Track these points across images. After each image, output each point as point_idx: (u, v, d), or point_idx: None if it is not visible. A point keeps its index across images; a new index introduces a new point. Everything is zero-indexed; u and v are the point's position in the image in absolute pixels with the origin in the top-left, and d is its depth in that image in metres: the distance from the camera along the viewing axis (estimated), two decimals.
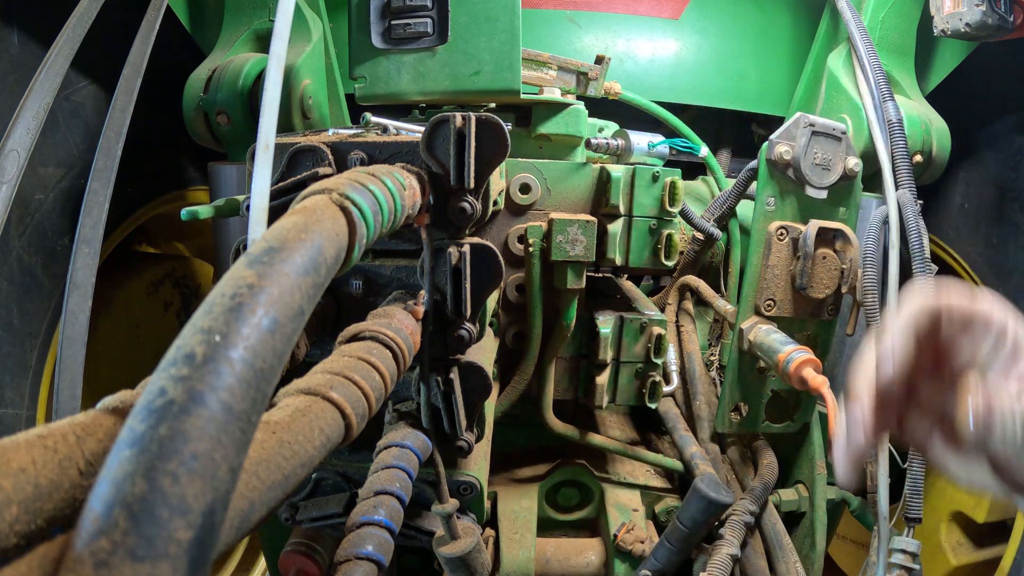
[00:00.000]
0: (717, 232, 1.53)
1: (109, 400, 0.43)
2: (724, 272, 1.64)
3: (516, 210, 1.25)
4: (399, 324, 0.75)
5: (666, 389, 1.48)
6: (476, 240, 0.86)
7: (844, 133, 1.27)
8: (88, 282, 1.07)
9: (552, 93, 1.26)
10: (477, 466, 1.05)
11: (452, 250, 0.83)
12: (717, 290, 1.59)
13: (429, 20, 1.13)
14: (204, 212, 0.88)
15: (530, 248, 1.19)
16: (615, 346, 1.28)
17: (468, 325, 0.87)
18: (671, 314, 1.62)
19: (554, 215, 1.21)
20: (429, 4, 1.12)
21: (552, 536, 1.45)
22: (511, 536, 1.33)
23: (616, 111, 1.62)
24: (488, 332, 1.10)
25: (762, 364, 1.36)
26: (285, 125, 1.35)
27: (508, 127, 0.83)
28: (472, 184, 0.80)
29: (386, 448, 0.85)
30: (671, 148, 1.39)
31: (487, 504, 1.30)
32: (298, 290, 0.39)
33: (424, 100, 1.19)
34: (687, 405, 1.55)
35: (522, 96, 1.19)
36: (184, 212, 0.87)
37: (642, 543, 1.32)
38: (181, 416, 0.29)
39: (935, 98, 1.60)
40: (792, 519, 1.48)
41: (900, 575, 1.32)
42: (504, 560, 1.30)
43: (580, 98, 1.31)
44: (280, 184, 0.78)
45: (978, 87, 1.66)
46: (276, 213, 0.56)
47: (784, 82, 1.82)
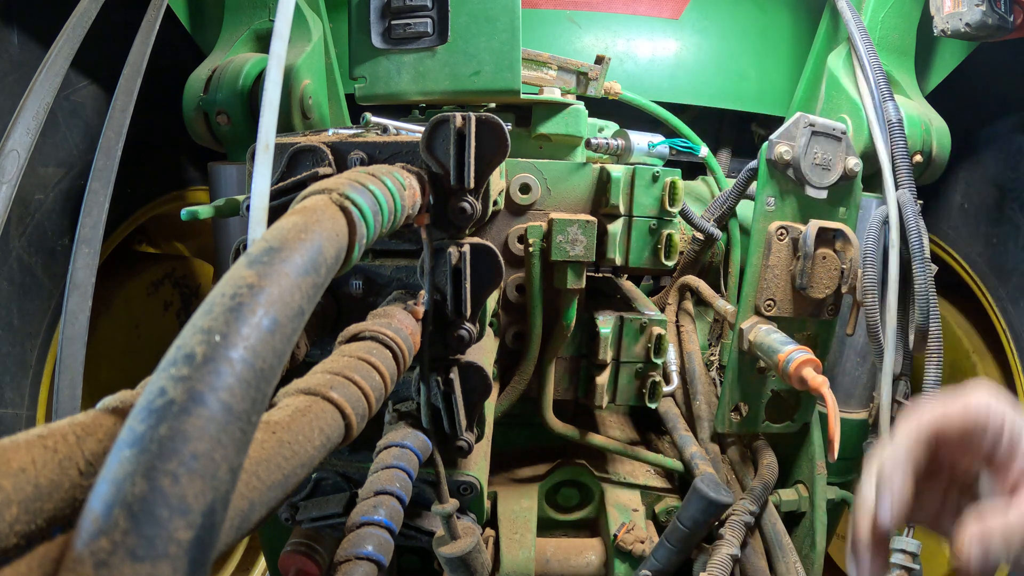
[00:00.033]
0: (717, 232, 1.53)
1: (109, 400, 0.43)
2: (724, 272, 1.64)
3: (516, 210, 1.25)
4: (399, 324, 0.75)
5: (666, 389, 1.48)
6: (476, 240, 0.86)
7: (844, 133, 1.27)
8: (88, 282, 1.07)
9: (552, 93, 1.26)
10: (477, 466, 1.05)
11: (452, 250, 0.83)
12: (717, 290, 1.59)
13: (429, 20, 1.13)
14: (204, 212, 0.88)
15: (530, 248, 1.19)
16: (615, 346, 1.28)
17: (468, 325, 0.87)
18: (671, 314, 1.62)
19: (554, 215, 1.21)
20: (429, 4, 1.12)
21: (552, 536, 1.45)
22: (511, 536, 1.33)
23: (616, 111, 1.62)
24: (488, 332, 1.10)
25: (762, 364, 1.35)
26: (285, 125, 1.35)
27: (508, 127, 0.83)
28: (472, 184, 0.80)
29: (386, 448, 0.85)
30: (671, 148, 1.39)
31: (487, 504, 1.30)
32: (298, 290, 0.39)
33: (424, 100, 1.19)
34: (687, 405, 1.55)
35: (522, 96, 1.19)
36: (184, 212, 0.87)
37: (642, 543, 1.32)
38: (181, 416, 0.29)
39: (935, 98, 1.60)
40: (792, 519, 1.48)
41: (900, 575, 1.32)
42: (504, 560, 1.30)
43: (580, 98, 1.31)
44: (280, 184, 0.78)
45: (978, 87, 1.66)
46: (276, 213, 0.56)
47: (784, 82, 1.82)
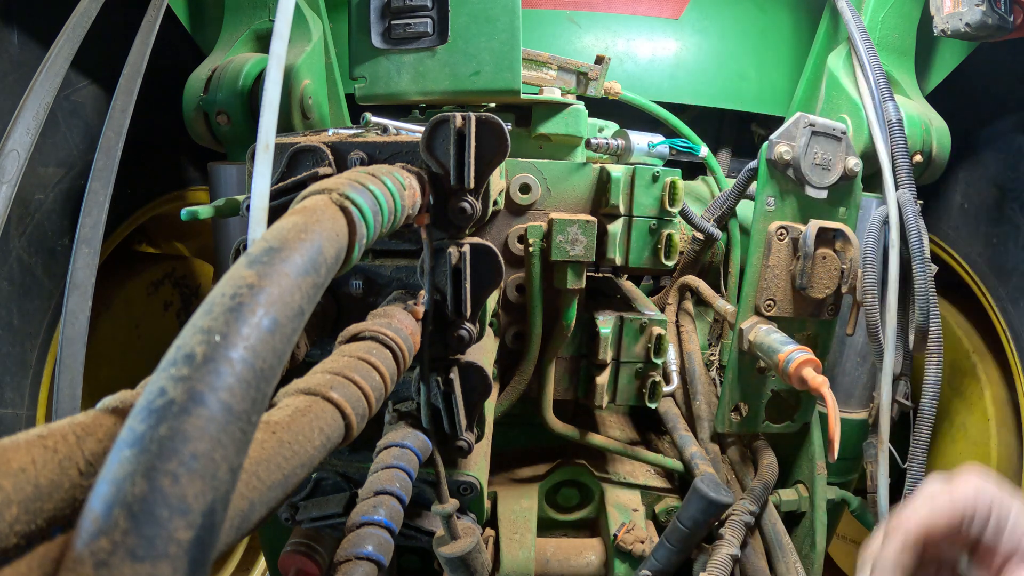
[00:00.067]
0: (717, 232, 1.53)
1: (109, 400, 0.43)
2: (724, 272, 1.64)
3: (516, 210, 1.25)
4: (399, 324, 0.75)
5: (666, 389, 1.48)
6: (476, 240, 0.86)
7: (844, 133, 1.27)
8: (88, 282, 1.07)
9: (552, 93, 1.26)
10: (477, 466, 1.05)
11: (452, 250, 0.83)
12: (717, 290, 1.59)
13: (429, 20, 1.13)
14: (204, 212, 0.89)
15: (530, 248, 1.19)
16: (615, 346, 1.28)
17: (468, 325, 0.87)
18: (671, 314, 1.62)
19: (554, 215, 1.21)
20: (429, 4, 1.12)
21: (552, 536, 1.45)
22: (511, 536, 1.33)
23: (616, 111, 1.62)
24: (488, 332, 1.10)
25: (762, 364, 1.36)
26: (285, 125, 1.35)
27: (508, 127, 0.83)
28: (472, 184, 0.80)
29: (386, 448, 0.85)
30: (671, 148, 1.39)
31: (487, 504, 1.30)
32: (298, 290, 0.39)
33: (424, 100, 1.19)
34: (687, 405, 1.55)
35: (522, 96, 1.19)
36: (184, 212, 0.87)
37: (642, 543, 1.32)
38: (181, 416, 0.29)
39: (935, 98, 1.60)
40: (792, 519, 1.48)
41: None
42: (504, 560, 1.30)
43: (580, 98, 1.31)
44: (280, 184, 0.78)
45: (978, 87, 1.66)
46: (276, 213, 0.56)
47: (784, 82, 1.82)
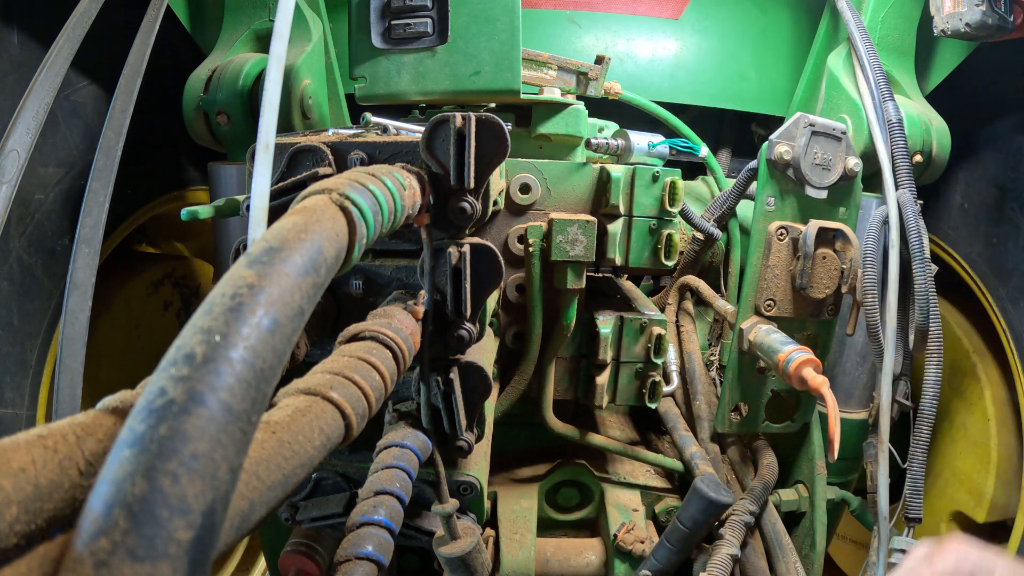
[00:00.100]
0: (717, 232, 1.53)
1: (109, 400, 0.43)
2: (724, 272, 1.64)
3: (516, 210, 1.25)
4: (399, 324, 0.75)
5: (666, 389, 1.48)
6: (476, 240, 0.86)
7: (844, 133, 1.27)
8: (88, 282, 1.07)
9: (552, 93, 1.26)
10: (477, 466, 1.05)
11: (452, 250, 0.83)
12: (717, 290, 1.59)
13: (429, 20, 1.13)
14: (204, 212, 0.89)
15: (530, 248, 1.19)
16: (615, 346, 1.28)
17: (468, 325, 0.87)
18: (671, 314, 1.62)
19: (554, 215, 1.21)
20: (429, 4, 1.12)
21: (552, 536, 1.45)
22: (511, 536, 1.33)
23: (616, 111, 1.62)
24: (488, 332, 1.10)
25: (762, 364, 1.35)
26: (285, 125, 1.35)
27: (508, 127, 0.83)
28: (472, 184, 0.80)
29: (386, 448, 0.85)
30: (671, 148, 1.39)
31: (487, 504, 1.30)
32: (298, 290, 0.39)
33: (424, 100, 1.19)
34: (687, 405, 1.55)
35: (522, 96, 1.19)
36: (184, 212, 0.87)
37: (642, 543, 1.32)
38: (181, 416, 0.29)
39: (935, 98, 1.60)
40: (792, 519, 1.48)
41: None
42: (504, 560, 1.30)
43: (580, 98, 1.31)
44: (280, 184, 0.78)
45: (978, 87, 1.66)
46: (276, 213, 0.56)
47: (784, 82, 1.82)
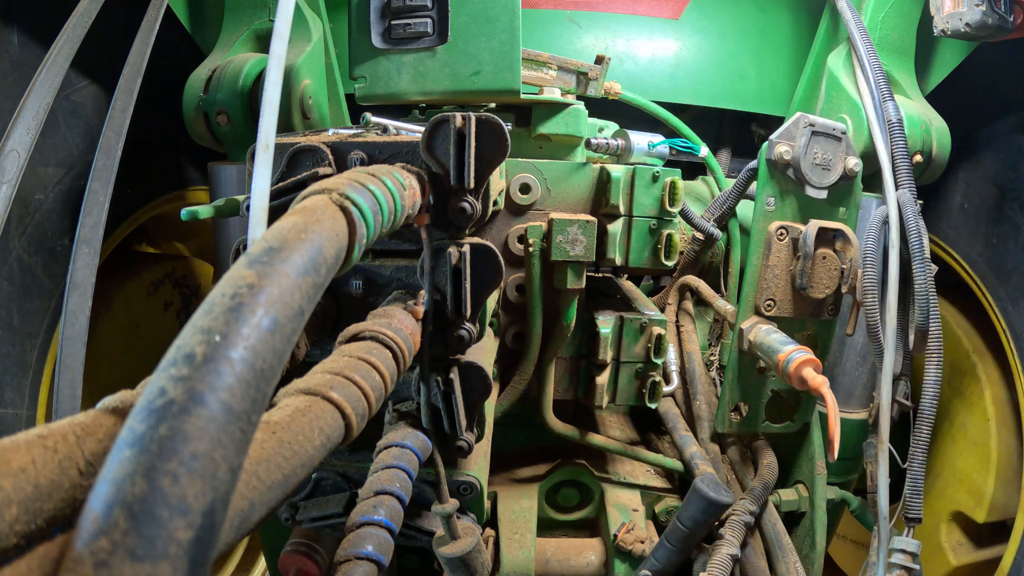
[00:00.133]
0: (717, 232, 1.53)
1: (109, 400, 0.43)
2: (724, 272, 1.64)
3: (516, 210, 1.25)
4: (399, 324, 0.75)
5: (666, 389, 1.48)
6: (476, 240, 0.86)
7: (844, 133, 1.27)
8: (88, 282, 1.07)
9: (552, 93, 1.26)
10: (477, 466, 1.05)
11: (452, 250, 0.83)
12: (717, 290, 1.59)
13: (429, 20, 1.13)
14: (204, 212, 0.89)
15: (530, 248, 1.19)
16: (615, 346, 1.28)
17: (468, 325, 0.87)
18: (671, 314, 1.62)
19: (554, 215, 1.21)
20: (429, 4, 1.12)
21: (552, 536, 1.45)
22: (511, 536, 1.33)
23: (616, 111, 1.62)
24: (488, 332, 1.09)
25: (762, 364, 1.35)
26: (285, 125, 1.35)
27: (508, 127, 0.83)
28: (472, 184, 0.80)
29: (386, 448, 0.85)
30: (671, 148, 1.39)
31: (487, 504, 1.30)
32: (298, 290, 0.39)
33: (424, 100, 1.19)
34: (687, 405, 1.55)
35: (522, 96, 1.19)
36: (184, 212, 0.87)
37: (642, 543, 1.32)
38: (181, 416, 0.29)
39: (935, 98, 1.60)
40: (792, 519, 1.48)
41: (900, 575, 1.32)
42: (504, 560, 1.30)
43: (580, 98, 1.31)
44: (280, 184, 0.78)
45: (978, 87, 1.66)
46: (276, 213, 0.56)
47: (784, 82, 1.82)
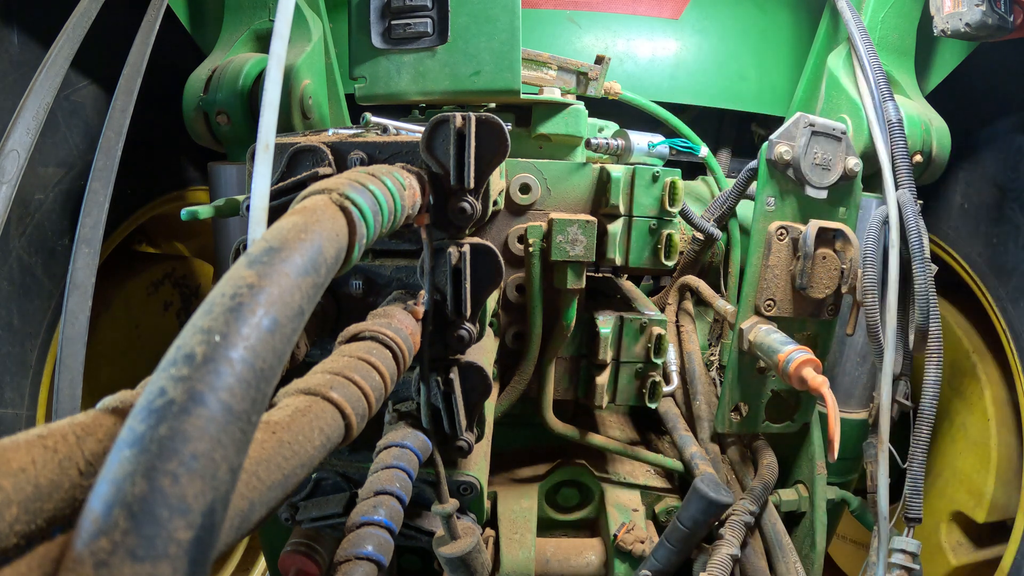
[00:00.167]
0: (717, 232, 1.53)
1: (109, 400, 0.43)
2: (724, 272, 1.64)
3: (516, 210, 1.25)
4: (399, 324, 0.75)
5: (666, 389, 1.48)
6: (476, 240, 0.86)
7: (844, 133, 1.27)
8: (88, 282, 1.07)
9: (552, 93, 1.26)
10: (477, 466, 1.05)
11: (452, 250, 0.83)
12: (717, 290, 1.59)
13: (429, 20, 1.13)
14: (204, 212, 0.89)
15: (530, 248, 1.19)
16: (615, 346, 1.28)
17: (468, 325, 0.87)
18: (671, 314, 1.62)
19: (554, 215, 1.21)
20: (429, 4, 1.12)
21: (552, 536, 1.45)
22: (511, 536, 1.33)
23: (616, 111, 1.62)
24: (488, 332, 1.09)
25: (762, 364, 1.35)
26: (285, 125, 1.35)
27: (508, 127, 0.83)
28: (472, 184, 0.80)
29: (386, 448, 0.85)
30: (671, 148, 1.39)
31: (487, 504, 1.30)
32: (298, 290, 0.39)
33: (424, 100, 1.19)
34: (687, 405, 1.55)
35: (522, 96, 1.19)
36: (184, 212, 0.87)
37: (642, 543, 1.32)
38: (181, 416, 0.29)
39: (935, 98, 1.60)
40: (792, 519, 1.48)
41: (900, 575, 1.32)
42: (504, 560, 1.30)
43: (580, 98, 1.31)
44: (280, 184, 0.78)
45: (978, 87, 1.66)
46: (276, 213, 0.56)
47: (784, 82, 1.82)
